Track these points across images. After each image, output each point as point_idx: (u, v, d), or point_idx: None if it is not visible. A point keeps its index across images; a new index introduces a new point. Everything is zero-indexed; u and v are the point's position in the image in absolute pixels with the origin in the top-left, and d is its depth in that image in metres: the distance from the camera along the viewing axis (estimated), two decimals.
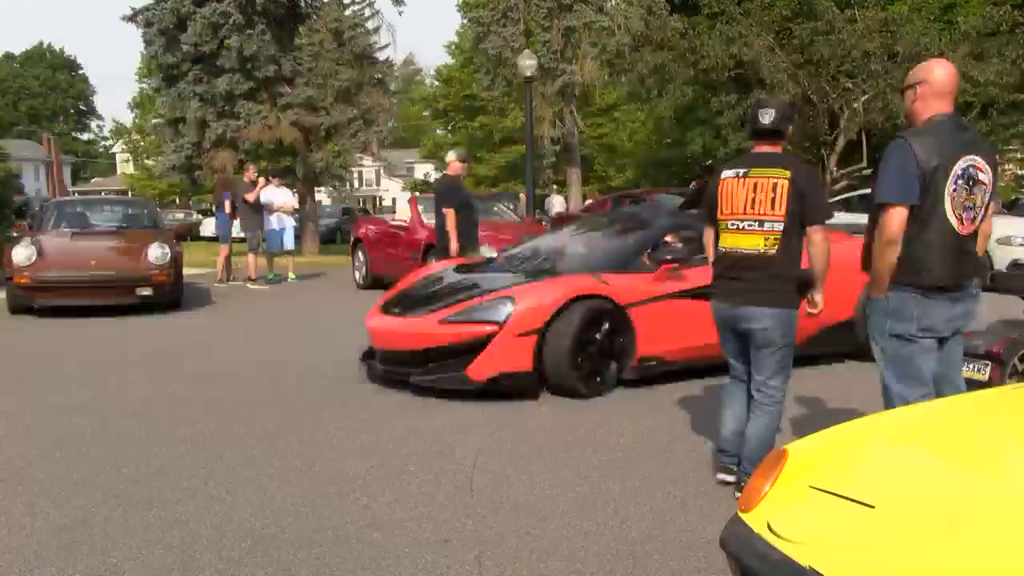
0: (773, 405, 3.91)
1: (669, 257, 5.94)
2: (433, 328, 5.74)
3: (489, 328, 5.51)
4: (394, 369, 6.02)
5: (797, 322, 3.90)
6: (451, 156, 9.15)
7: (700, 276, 5.69)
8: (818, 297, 3.90)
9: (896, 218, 3.23)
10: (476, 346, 5.52)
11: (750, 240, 3.79)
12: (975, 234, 3.38)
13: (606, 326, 5.69)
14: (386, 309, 6.41)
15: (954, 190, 3.22)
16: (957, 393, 3.47)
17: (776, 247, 3.75)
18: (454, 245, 8.28)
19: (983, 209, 3.34)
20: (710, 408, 5.44)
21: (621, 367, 5.82)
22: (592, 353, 5.64)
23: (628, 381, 5.86)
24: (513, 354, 5.49)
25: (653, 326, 5.82)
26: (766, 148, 3.89)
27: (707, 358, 5.85)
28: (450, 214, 8.42)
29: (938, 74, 3.31)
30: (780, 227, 3.74)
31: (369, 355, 6.51)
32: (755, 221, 3.77)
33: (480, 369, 5.50)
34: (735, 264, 3.85)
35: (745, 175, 3.82)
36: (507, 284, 5.94)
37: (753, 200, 3.77)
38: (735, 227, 3.84)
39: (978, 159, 3.26)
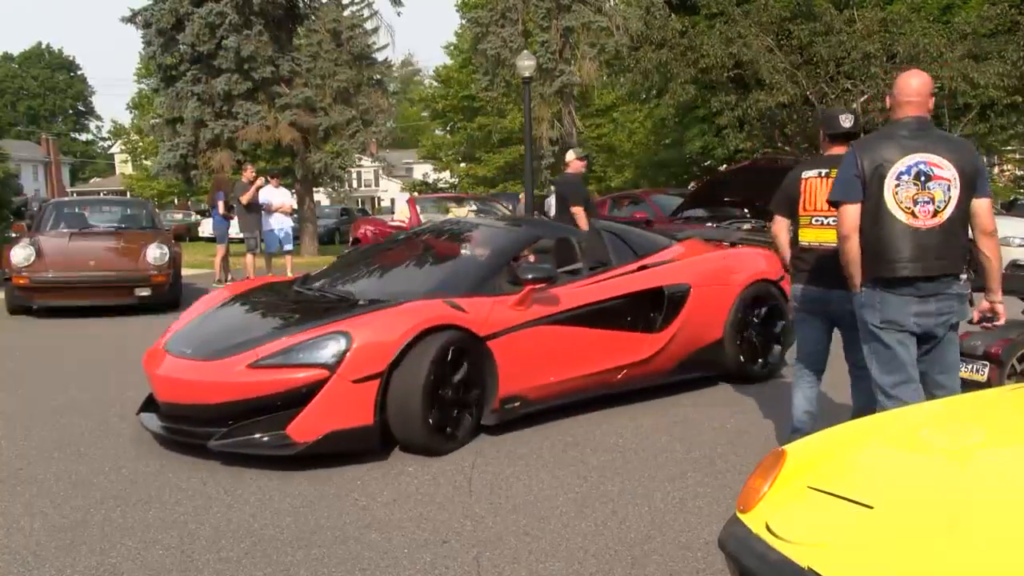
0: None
1: (532, 276, 4.89)
2: (240, 375, 4.32)
3: (316, 373, 4.24)
4: (184, 429, 4.55)
5: None
6: (571, 155, 9.40)
7: (569, 297, 5.14)
8: None
9: (843, 216, 3.62)
10: (299, 398, 4.24)
11: (832, 234, 4.00)
12: (948, 228, 3.48)
13: (464, 363, 4.61)
14: (173, 347, 4.85)
15: (896, 186, 3.49)
16: (944, 392, 3.57)
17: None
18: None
19: (949, 203, 3.47)
20: (709, 408, 5.45)
21: (480, 412, 4.74)
22: (448, 398, 4.54)
23: (488, 427, 4.83)
24: (349, 406, 4.26)
25: (517, 359, 4.82)
26: (839, 150, 4.20)
27: (576, 392, 5.18)
28: (580, 212, 8.71)
29: (900, 85, 3.67)
30: None
31: (151, 405, 4.92)
32: (836, 218, 4.01)
33: (306, 427, 4.21)
34: (824, 256, 4.10)
35: (827, 175, 4.12)
36: (339, 314, 4.64)
37: None
38: (819, 223, 4.16)
39: (933, 157, 3.48)
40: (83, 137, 75.09)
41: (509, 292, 4.97)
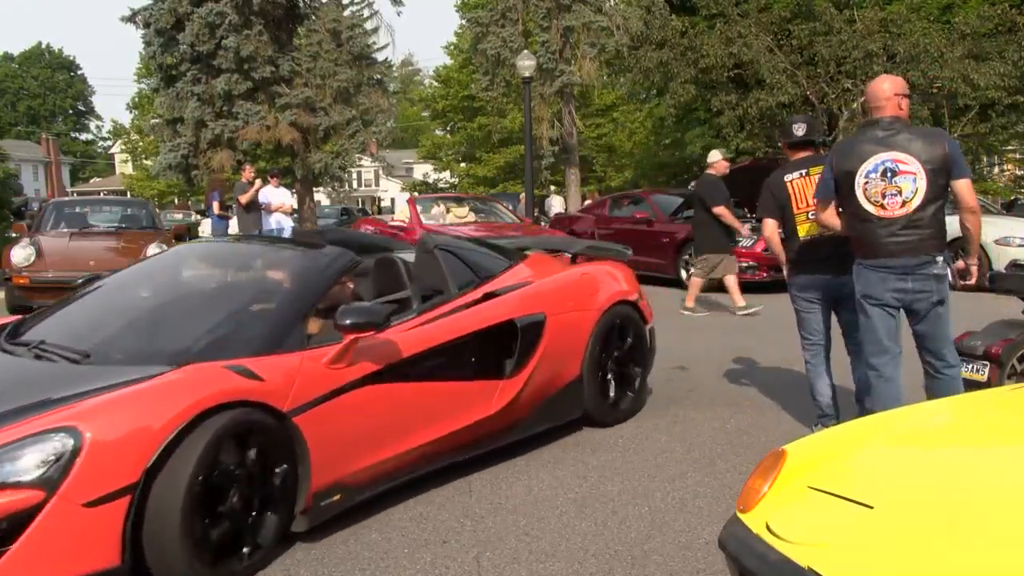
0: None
1: (354, 322, 3.46)
2: None
3: (23, 497, 2.69)
4: None
5: None
6: (716, 156, 9.49)
7: (402, 343, 3.82)
8: None
9: (819, 212, 4.29)
10: None
11: None
12: (918, 216, 3.88)
13: (259, 455, 3.19)
14: None
15: (865, 183, 3.96)
16: (941, 364, 4.05)
17: None
18: (745, 231, 9.32)
19: (917, 193, 3.87)
20: (709, 409, 5.44)
21: (285, 518, 3.31)
22: (233, 509, 3.10)
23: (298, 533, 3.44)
24: (80, 543, 2.75)
25: (336, 437, 3.47)
26: (806, 153, 4.80)
27: (413, 468, 3.88)
28: (724, 212, 8.97)
29: (874, 89, 4.06)
30: None
31: None
32: None
33: None
34: (827, 244, 4.48)
35: (807, 174, 4.66)
36: (62, 394, 3.03)
37: None
38: (815, 216, 4.49)
39: (899, 154, 3.90)
40: (83, 137, 75.12)
41: (322, 344, 3.58)
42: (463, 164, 42.05)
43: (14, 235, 11.40)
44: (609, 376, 5.03)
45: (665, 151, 27.10)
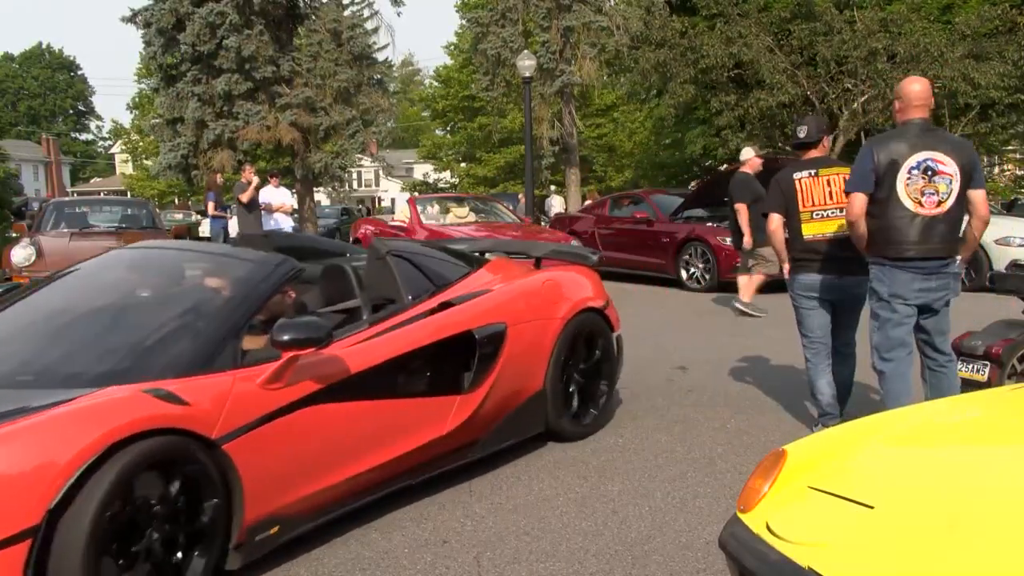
0: (855, 353, 4.88)
1: (292, 338, 3.15)
2: None
3: None
4: None
5: None
6: (749, 153, 9.37)
7: (348, 358, 3.50)
8: None
9: (854, 203, 4.16)
10: None
11: (835, 224, 4.62)
12: (949, 216, 4.04)
13: (184, 487, 2.86)
14: None
15: (908, 179, 4.02)
16: (944, 358, 4.26)
17: None
18: (748, 239, 8.85)
19: (951, 195, 4.02)
20: (709, 409, 5.45)
21: (215, 556, 2.98)
22: (153, 549, 2.76)
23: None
24: None
25: (272, 465, 3.15)
26: (815, 153, 4.84)
27: (359, 495, 3.58)
28: (742, 209, 8.80)
29: (908, 90, 4.13)
30: None
31: None
32: (836, 209, 4.61)
33: None
34: (832, 244, 4.61)
35: (815, 174, 4.71)
36: None
37: (831, 193, 4.66)
38: (820, 216, 4.66)
39: (939, 154, 4.01)
40: (83, 137, 75.19)
41: (258, 362, 3.24)
42: (463, 164, 42.05)
43: (14, 235, 11.43)
44: (574, 388, 4.79)
45: (665, 151, 27.08)
